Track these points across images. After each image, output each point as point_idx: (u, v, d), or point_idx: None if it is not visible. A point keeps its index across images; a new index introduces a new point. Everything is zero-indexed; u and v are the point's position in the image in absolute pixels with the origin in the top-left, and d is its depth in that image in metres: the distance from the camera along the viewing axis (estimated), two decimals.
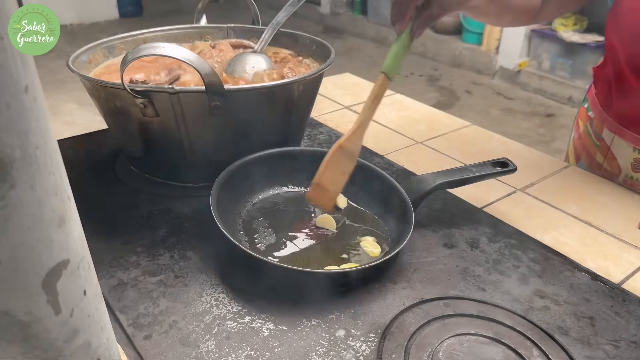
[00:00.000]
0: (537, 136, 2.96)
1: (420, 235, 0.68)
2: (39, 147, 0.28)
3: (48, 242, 0.30)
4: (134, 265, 0.62)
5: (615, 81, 0.82)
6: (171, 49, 0.61)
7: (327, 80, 1.26)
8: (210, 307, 0.56)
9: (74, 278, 0.32)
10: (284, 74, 0.80)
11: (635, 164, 0.82)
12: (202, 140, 0.72)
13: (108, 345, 0.38)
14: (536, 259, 0.65)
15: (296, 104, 0.77)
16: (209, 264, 0.62)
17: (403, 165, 0.87)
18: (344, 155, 0.63)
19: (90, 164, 0.84)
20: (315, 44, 0.90)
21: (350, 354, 0.51)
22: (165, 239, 0.66)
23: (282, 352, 0.51)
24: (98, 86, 0.71)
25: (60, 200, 0.30)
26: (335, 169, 0.63)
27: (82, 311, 0.34)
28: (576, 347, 0.53)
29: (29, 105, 0.27)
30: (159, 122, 0.69)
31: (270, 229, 0.67)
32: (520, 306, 0.58)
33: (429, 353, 0.50)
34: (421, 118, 1.08)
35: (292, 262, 0.61)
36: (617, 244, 0.70)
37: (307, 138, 0.95)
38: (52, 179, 0.30)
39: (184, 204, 0.73)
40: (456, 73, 3.92)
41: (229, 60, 0.84)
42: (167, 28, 0.94)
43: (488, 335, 0.53)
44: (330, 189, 0.64)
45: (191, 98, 0.66)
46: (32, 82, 0.27)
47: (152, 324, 0.54)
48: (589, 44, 3.21)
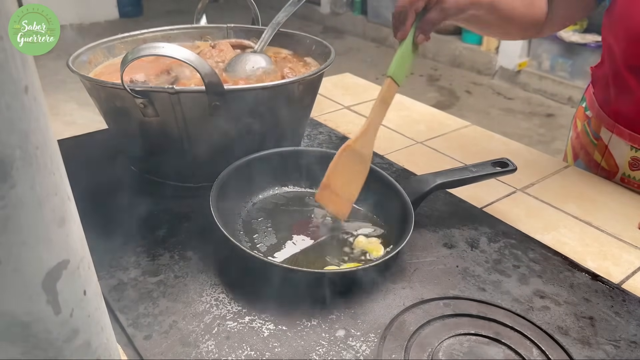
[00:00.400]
0: (537, 136, 2.96)
1: (420, 235, 0.68)
2: (39, 147, 0.28)
3: (48, 242, 0.30)
4: (134, 265, 0.62)
5: (612, 80, 0.82)
6: (171, 49, 0.61)
7: (327, 80, 1.26)
8: (210, 307, 0.56)
9: (74, 278, 0.32)
10: (284, 74, 0.80)
11: (632, 162, 0.83)
12: (202, 140, 0.72)
13: (108, 346, 0.38)
14: (536, 259, 0.65)
15: (296, 104, 0.77)
16: (209, 264, 0.62)
17: (403, 166, 0.87)
18: (353, 157, 0.63)
19: (90, 164, 0.84)
20: (315, 44, 0.90)
21: (350, 354, 0.51)
22: (165, 239, 0.66)
23: (282, 352, 0.51)
24: (98, 86, 0.71)
25: (61, 200, 0.30)
26: (345, 171, 0.63)
27: (82, 311, 0.34)
28: (576, 347, 0.53)
29: (29, 105, 0.27)
30: (159, 122, 0.69)
31: (271, 229, 0.67)
32: (520, 306, 0.58)
33: (428, 353, 0.50)
34: (421, 118, 1.08)
35: (292, 262, 0.61)
36: (617, 244, 0.70)
37: (307, 138, 0.95)
38: (52, 179, 0.30)
39: (184, 204, 0.73)
40: (456, 73, 3.92)
41: (229, 60, 0.84)
42: (167, 28, 0.94)
43: (488, 335, 0.53)
44: (341, 195, 0.63)
45: (191, 98, 0.66)
46: (32, 82, 0.27)
47: (152, 324, 0.54)
48: (589, 44, 3.21)
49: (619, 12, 0.76)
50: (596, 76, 0.89)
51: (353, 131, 0.99)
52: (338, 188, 0.62)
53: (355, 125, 1.02)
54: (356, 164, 0.63)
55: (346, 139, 0.95)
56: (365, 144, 0.63)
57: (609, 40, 0.81)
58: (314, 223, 0.69)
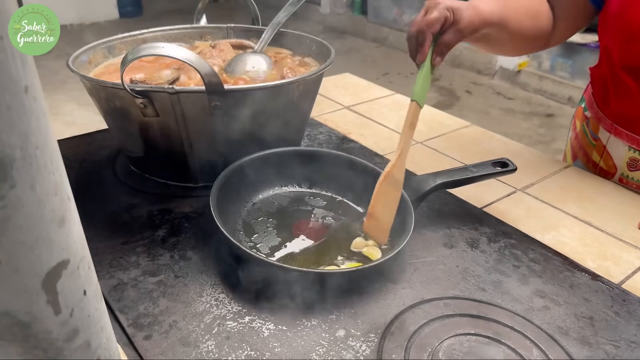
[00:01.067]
0: (537, 136, 2.96)
1: (420, 235, 0.68)
2: (39, 147, 0.28)
3: (48, 242, 0.30)
4: (134, 265, 0.62)
5: (610, 81, 0.82)
6: (171, 49, 0.61)
7: (327, 80, 1.26)
8: (210, 307, 0.56)
9: (73, 278, 0.32)
10: (284, 74, 0.80)
11: (630, 163, 0.83)
12: (202, 140, 0.72)
13: (108, 346, 0.38)
14: (536, 259, 0.65)
15: (296, 104, 0.77)
16: (209, 264, 0.62)
17: None
18: (392, 184, 0.64)
19: (90, 164, 0.84)
20: (315, 44, 0.90)
21: (350, 354, 0.51)
22: (165, 239, 0.66)
23: (282, 352, 0.51)
24: (98, 86, 0.71)
25: (60, 200, 0.30)
26: (385, 198, 0.64)
27: (82, 311, 0.34)
28: (576, 347, 0.53)
29: (29, 105, 0.27)
30: (158, 122, 0.69)
31: (271, 229, 0.67)
32: (520, 306, 0.58)
33: (429, 353, 0.50)
34: (421, 118, 1.07)
35: (292, 262, 0.61)
36: (617, 244, 0.70)
37: (307, 138, 0.95)
38: (52, 179, 0.30)
39: (184, 204, 0.73)
40: (456, 73, 3.91)
41: (229, 60, 0.84)
42: (167, 28, 0.94)
43: (488, 335, 0.53)
44: (382, 219, 0.64)
45: (191, 98, 0.66)
46: (32, 82, 0.27)
47: (152, 324, 0.54)
48: (588, 44, 3.21)
49: (612, 13, 0.76)
50: (595, 77, 0.89)
51: (353, 131, 1.00)
52: (379, 214, 0.64)
53: (355, 125, 1.02)
54: (393, 190, 0.65)
55: (346, 139, 0.96)
56: (400, 169, 0.64)
57: (604, 40, 0.81)
58: (313, 223, 0.69)
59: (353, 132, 0.99)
